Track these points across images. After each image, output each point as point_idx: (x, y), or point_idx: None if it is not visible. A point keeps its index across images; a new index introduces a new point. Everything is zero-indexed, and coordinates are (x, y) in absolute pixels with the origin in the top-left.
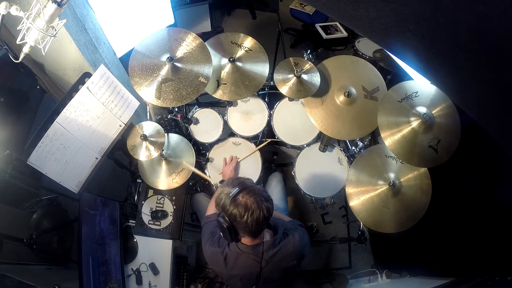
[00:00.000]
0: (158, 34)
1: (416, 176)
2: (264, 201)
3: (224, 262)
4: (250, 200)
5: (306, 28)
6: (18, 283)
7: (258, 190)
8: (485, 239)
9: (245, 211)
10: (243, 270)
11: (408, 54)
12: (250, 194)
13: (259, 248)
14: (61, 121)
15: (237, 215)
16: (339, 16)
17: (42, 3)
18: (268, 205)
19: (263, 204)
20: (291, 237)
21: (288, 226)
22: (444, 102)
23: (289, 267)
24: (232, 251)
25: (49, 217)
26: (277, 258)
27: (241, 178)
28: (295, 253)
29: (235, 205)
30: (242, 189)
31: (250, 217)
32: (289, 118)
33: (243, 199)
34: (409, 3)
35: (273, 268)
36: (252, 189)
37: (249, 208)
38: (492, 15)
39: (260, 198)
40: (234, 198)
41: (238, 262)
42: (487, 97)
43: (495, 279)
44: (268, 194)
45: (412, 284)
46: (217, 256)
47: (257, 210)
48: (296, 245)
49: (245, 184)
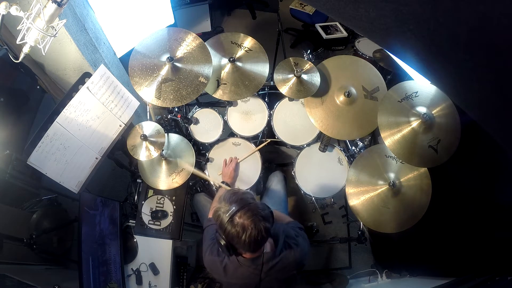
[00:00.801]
0: (158, 34)
1: (416, 176)
2: (262, 221)
3: (224, 272)
4: (247, 221)
5: (306, 28)
6: (18, 283)
7: (256, 209)
8: (485, 239)
9: (242, 232)
10: (242, 280)
11: (408, 54)
12: (248, 214)
13: (259, 260)
14: (61, 121)
15: (234, 234)
16: (339, 16)
17: (42, 3)
18: (266, 225)
19: (260, 224)
20: (293, 248)
21: (289, 232)
22: (444, 102)
23: (289, 277)
24: (231, 262)
25: (49, 217)
26: (276, 269)
27: (239, 193)
28: (295, 264)
29: (233, 225)
30: (240, 208)
31: (248, 238)
32: (289, 118)
33: (240, 220)
34: (409, 3)
35: (272, 278)
36: (250, 208)
37: (246, 229)
38: (492, 15)
39: (258, 217)
40: (232, 218)
41: (237, 273)
42: (487, 97)
43: (495, 279)
44: (267, 211)
45: (412, 284)
46: (216, 265)
47: (254, 230)
48: (297, 256)
49: (243, 202)
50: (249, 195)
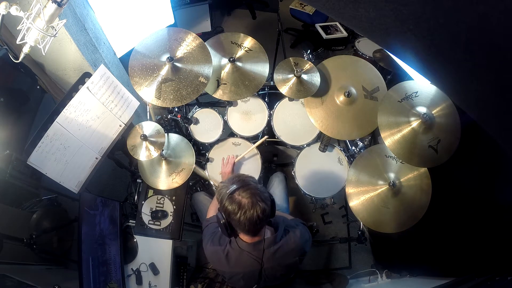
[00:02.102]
0: (158, 34)
1: (416, 176)
2: (260, 201)
3: (226, 260)
4: (245, 199)
5: (306, 28)
6: (18, 283)
7: (257, 189)
8: (485, 239)
9: (238, 209)
10: (245, 268)
11: (408, 54)
12: (247, 192)
13: (260, 245)
14: (61, 121)
15: (231, 211)
16: (339, 16)
17: (42, 3)
18: (264, 206)
19: (258, 205)
20: (292, 234)
21: (289, 223)
22: (444, 102)
23: (291, 264)
24: (233, 249)
25: (49, 217)
26: (278, 255)
27: (244, 175)
28: (297, 250)
29: (231, 202)
30: (240, 186)
31: (243, 216)
32: (289, 118)
33: (239, 197)
34: (409, 3)
35: (274, 265)
36: (250, 187)
37: (242, 207)
38: (492, 15)
39: (257, 198)
40: (231, 195)
41: (239, 260)
42: (487, 97)
43: (495, 279)
44: (268, 195)
45: (412, 284)
46: (218, 254)
47: (250, 209)
48: (298, 242)
49: (245, 182)
50: (252, 178)
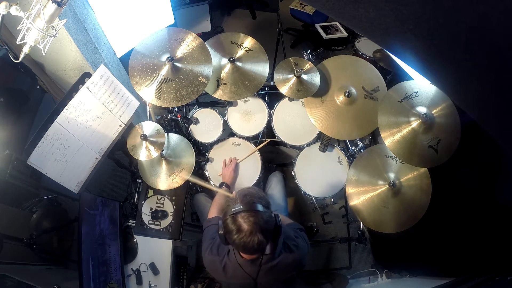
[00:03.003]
0: (158, 34)
1: (416, 176)
2: (259, 233)
3: (223, 271)
4: (245, 225)
5: (306, 28)
6: (18, 283)
7: (260, 218)
8: (485, 239)
9: (236, 232)
10: (242, 280)
11: (408, 54)
12: (249, 219)
13: (258, 261)
14: (61, 121)
15: (229, 230)
16: (339, 16)
17: (42, 3)
18: (262, 239)
19: (256, 236)
20: (292, 248)
21: (289, 234)
22: (444, 102)
23: (288, 278)
24: (231, 261)
25: (49, 217)
26: (275, 270)
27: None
28: (295, 265)
29: (232, 221)
30: (246, 210)
31: (239, 240)
32: (289, 118)
33: (241, 220)
34: (409, 3)
35: (271, 279)
36: (256, 215)
37: (240, 231)
38: (492, 15)
39: (257, 228)
40: (234, 215)
41: (236, 273)
42: (487, 97)
43: (495, 279)
44: (269, 226)
45: (412, 284)
46: (216, 265)
47: (248, 237)
48: (296, 258)
49: (252, 206)
50: (264, 202)
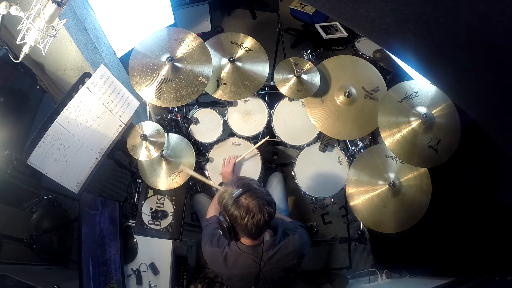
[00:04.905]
0: (158, 34)
1: (416, 176)
2: (266, 205)
3: (224, 262)
4: (252, 203)
5: (306, 28)
6: (18, 283)
7: (262, 193)
8: (485, 239)
9: (246, 214)
10: (243, 270)
11: (408, 54)
12: (253, 196)
13: (259, 248)
14: (61, 121)
15: (238, 216)
16: (339, 16)
17: (42, 3)
18: (270, 209)
19: (265, 208)
20: (291, 237)
21: (288, 225)
22: (444, 102)
23: (289, 266)
24: (232, 251)
25: (49, 217)
26: (276, 258)
27: (246, 178)
28: (295, 253)
29: (237, 207)
30: (246, 190)
31: (251, 220)
32: (289, 118)
33: (246, 201)
34: (409, 3)
35: (272, 267)
36: (256, 191)
37: (250, 211)
38: (492, 15)
39: (263, 201)
40: (237, 199)
41: (237, 262)
42: (487, 97)
43: (495, 279)
44: (271, 198)
45: (412, 284)
46: (216, 255)
47: (258, 213)
48: (296, 245)
49: (249, 185)
50: (255, 181)
